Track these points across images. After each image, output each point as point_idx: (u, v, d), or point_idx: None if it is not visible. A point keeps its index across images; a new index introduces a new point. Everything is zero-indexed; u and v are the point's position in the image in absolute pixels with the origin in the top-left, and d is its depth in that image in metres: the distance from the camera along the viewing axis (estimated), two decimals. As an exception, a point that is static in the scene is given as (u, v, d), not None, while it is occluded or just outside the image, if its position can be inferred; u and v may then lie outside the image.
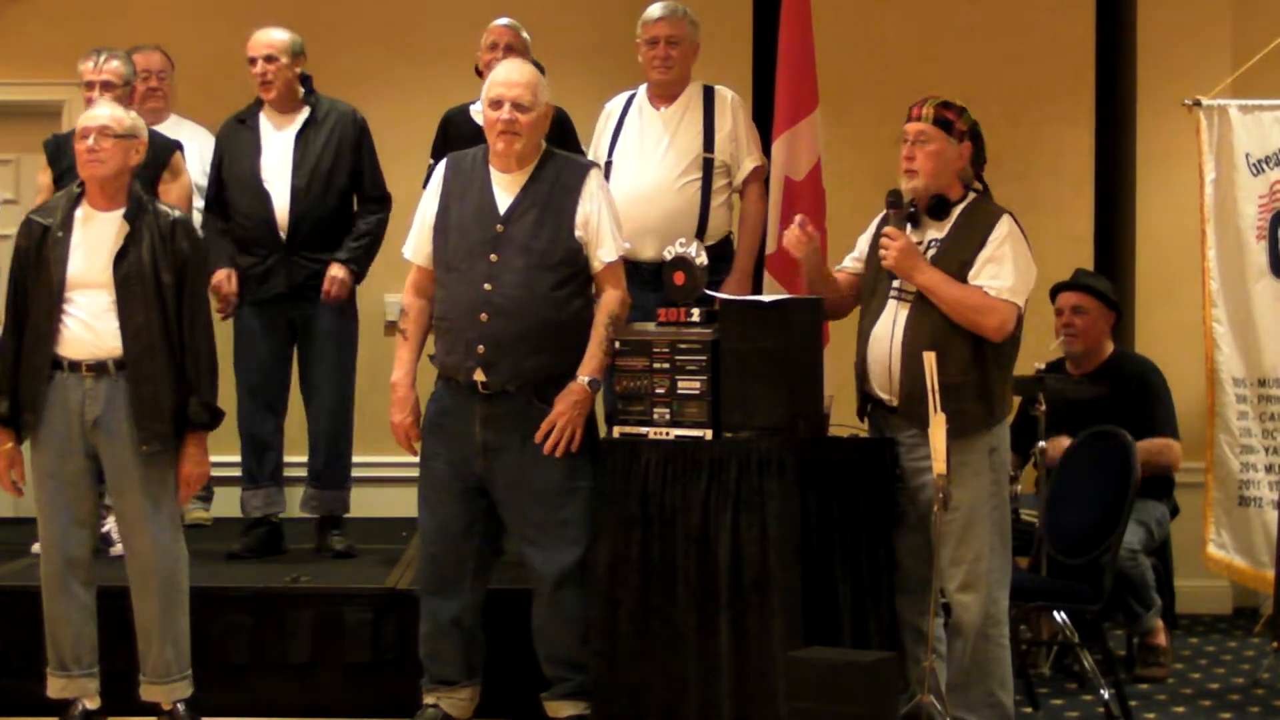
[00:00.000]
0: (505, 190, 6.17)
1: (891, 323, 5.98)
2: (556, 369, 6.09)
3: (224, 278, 7.36)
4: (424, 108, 7.63)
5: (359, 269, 7.42)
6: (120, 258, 6.11)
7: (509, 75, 6.19)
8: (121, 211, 6.16)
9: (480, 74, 7.03)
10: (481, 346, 6.06)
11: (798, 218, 6.21)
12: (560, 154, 6.29)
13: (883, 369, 6.00)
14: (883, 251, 5.97)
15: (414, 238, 6.33)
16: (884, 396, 6.03)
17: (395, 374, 6.28)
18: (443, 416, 6.23)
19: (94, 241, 6.14)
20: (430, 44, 8.89)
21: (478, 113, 6.86)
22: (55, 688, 6.28)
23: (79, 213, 6.20)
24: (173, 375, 6.15)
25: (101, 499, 6.37)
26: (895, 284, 6.01)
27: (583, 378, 6.10)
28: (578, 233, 6.13)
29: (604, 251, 6.17)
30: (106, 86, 7.31)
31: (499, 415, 6.11)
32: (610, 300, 6.17)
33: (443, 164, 6.36)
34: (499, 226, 6.12)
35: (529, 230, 6.11)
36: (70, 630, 6.23)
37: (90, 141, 6.13)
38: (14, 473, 6.28)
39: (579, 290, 6.17)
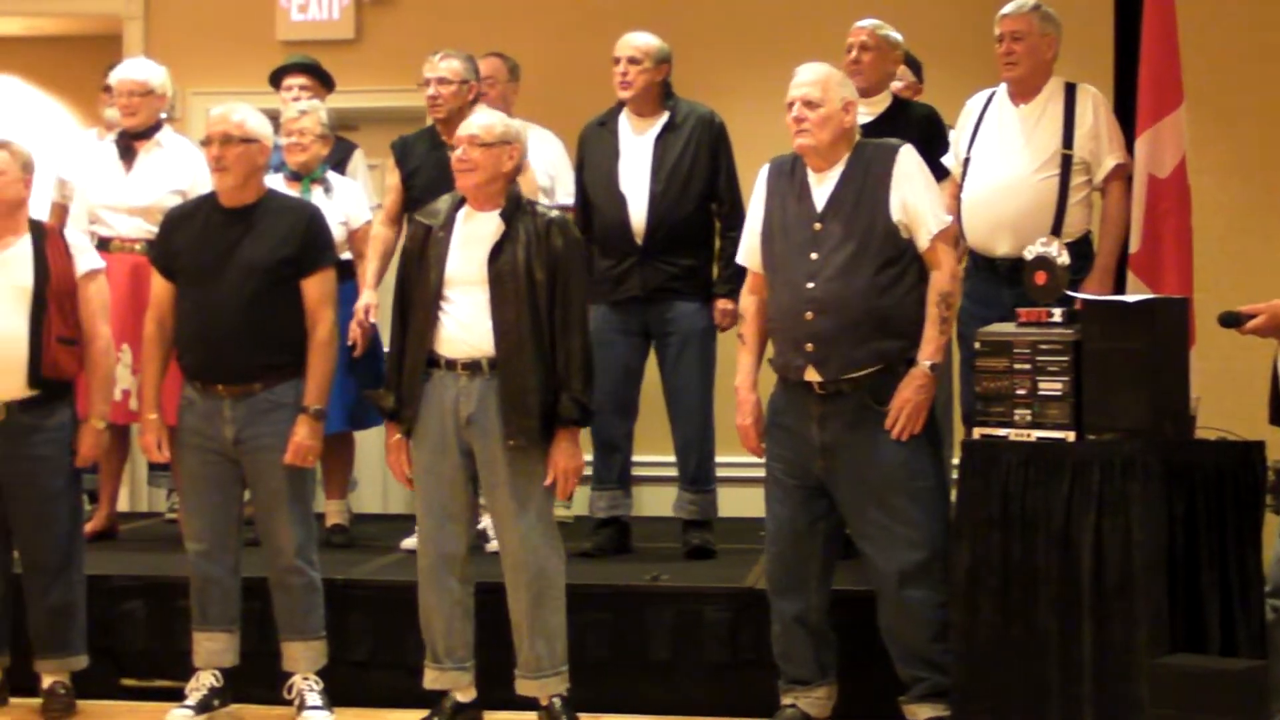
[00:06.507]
0: (820, 188, 6.19)
1: None
2: (889, 355, 6.08)
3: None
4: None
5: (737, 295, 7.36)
6: (495, 255, 6.25)
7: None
8: (499, 211, 6.31)
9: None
10: (810, 344, 6.09)
11: None
12: (868, 142, 6.27)
13: None
14: None
15: (744, 242, 6.42)
16: None
17: (737, 378, 6.35)
18: (780, 416, 6.27)
19: (472, 240, 6.29)
20: (790, 46, 8.88)
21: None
22: (429, 679, 6.42)
23: (461, 213, 6.37)
24: (542, 371, 6.22)
25: (477, 497, 6.47)
26: None
27: (924, 362, 6.08)
28: (895, 216, 6.10)
29: (924, 230, 6.12)
30: (442, 83, 7.50)
31: (835, 415, 6.12)
32: (939, 279, 6.12)
33: (764, 170, 6.40)
34: (817, 225, 6.15)
35: (845, 222, 6.11)
36: (442, 623, 6.35)
37: (459, 152, 6.31)
38: (405, 461, 6.42)
39: (903, 273, 6.12)
